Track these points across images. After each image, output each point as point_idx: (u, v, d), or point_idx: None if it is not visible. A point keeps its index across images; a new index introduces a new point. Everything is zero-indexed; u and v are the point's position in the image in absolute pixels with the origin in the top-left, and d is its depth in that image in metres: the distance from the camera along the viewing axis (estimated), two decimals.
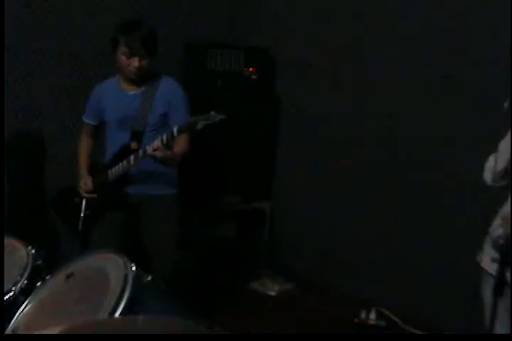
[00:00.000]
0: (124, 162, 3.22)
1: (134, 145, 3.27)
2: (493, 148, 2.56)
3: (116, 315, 1.78)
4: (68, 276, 2.10)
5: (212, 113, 2.97)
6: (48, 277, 2.20)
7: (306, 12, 4.44)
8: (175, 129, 3.04)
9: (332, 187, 4.44)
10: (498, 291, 2.39)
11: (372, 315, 3.98)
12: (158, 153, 3.06)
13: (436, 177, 3.85)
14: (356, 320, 3.96)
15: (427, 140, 3.89)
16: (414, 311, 3.92)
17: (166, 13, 4.29)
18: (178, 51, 4.37)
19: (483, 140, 2.68)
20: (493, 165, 2.56)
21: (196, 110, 3.48)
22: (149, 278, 2.04)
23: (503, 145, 2.52)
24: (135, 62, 3.20)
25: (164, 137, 3.06)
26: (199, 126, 2.98)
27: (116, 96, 3.38)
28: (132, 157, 3.18)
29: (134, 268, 1.98)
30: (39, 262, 2.33)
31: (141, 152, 3.14)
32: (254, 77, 4.48)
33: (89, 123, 3.52)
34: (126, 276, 1.92)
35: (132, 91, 3.34)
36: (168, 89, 3.36)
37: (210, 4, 4.58)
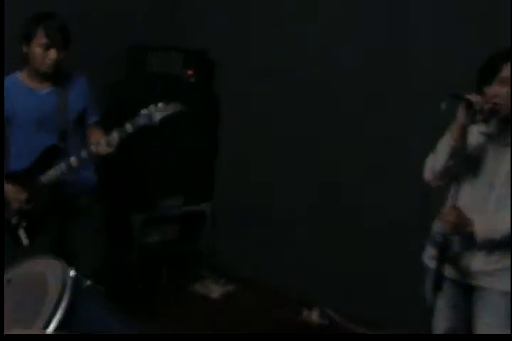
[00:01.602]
0: (62, 164, 3.11)
1: (61, 145, 3.17)
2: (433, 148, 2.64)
3: (55, 321, 1.76)
4: (6, 283, 2.06)
5: (165, 104, 2.99)
6: None
7: (244, 13, 4.45)
8: (128, 125, 3.01)
9: (274, 187, 4.46)
10: (436, 287, 2.45)
11: (315, 315, 4.01)
12: (107, 151, 3.02)
13: (382, 178, 3.91)
14: (299, 319, 3.99)
15: (372, 139, 3.93)
16: (357, 310, 3.97)
17: (108, 15, 4.22)
18: (121, 53, 4.32)
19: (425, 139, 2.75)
20: (431, 165, 2.63)
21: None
22: (88, 283, 2.02)
23: (441, 145, 2.58)
24: (53, 54, 3.06)
25: (116, 134, 3.01)
26: (157, 117, 2.98)
27: (26, 95, 3.16)
28: (73, 158, 3.08)
29: (72, 274, 1.95)
30: None
31: (85, 152, 3.06)
32: (192, 79, 4.47)
33: None
34: (64, 282, 1.89)
35: (44, 89, 3.19)
36: (81, 87, 3.28)
37: (152, 6, 4.54)
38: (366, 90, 3.90)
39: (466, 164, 2.56)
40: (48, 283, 1.93)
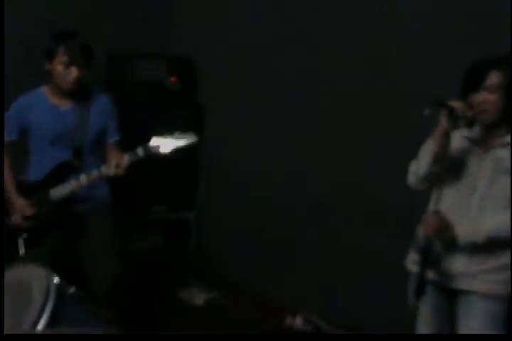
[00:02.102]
0: (72, 181, 3.16)
1: (75, 162, 3.22)
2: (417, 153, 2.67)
3: (39, 327, 1.75)
4: None
5: (181, 133, 3.17)
6: None
7: (228, 21, 4.47)
8: (140, 150, 3.08)
9: (258, 194, 4.47)
10: (419, 291, 2.46)
11: (299, 321, 4.00)
12: (117, 172, 3.09)
13: (365, 181, 3.93)
14: (283, 326, 3.98)
15: (351, 145, 3.97)
16: (341, 316, 3.97)
17: (87, 23, 4.21)
18: (100, 61, 4.30)
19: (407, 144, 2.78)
20: (415, 170, 2.66)
21: (121, 121, 3.48)
22: (72, 290, 2.02)
23: (424, 150, 2.61)
24: (74, 72, 3.11)
25: (127, 158, 3.09)
26: (170, 147, 3.12)
27: (46, 110, 3.22)
28: (83, 176, 3.14)
29: (56, 280, 1.95)
30: None
31: (96, 172, 3.13)
32: (177, 86, 4.47)
33: (11, 140, 3.26)
34: (48, 289, 1.90)
35: (65, 105, 3.24)
36: (102, 105, 3.33)
37: (132, 14, 4.54)
38: (351, 91, 3.93)
39: (449, 168, 2.58)
40: (32, 290, 1.93)
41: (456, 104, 2.43)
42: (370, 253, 3.87)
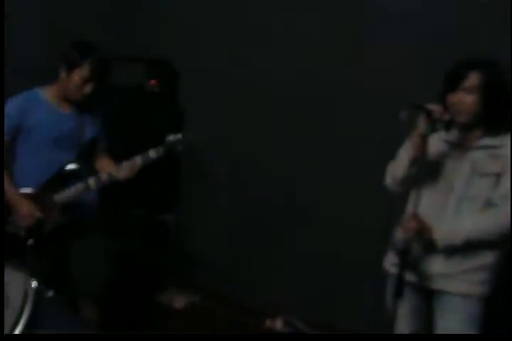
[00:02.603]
0: (79, 184, 3.15)
1: (79, 166, 3.22)
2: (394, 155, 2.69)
3: (17, 331, 1.75)
4: None
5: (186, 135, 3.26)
6: None
7: (209, 23, 4.47)
8: (152, 152, 3.19)
9: (238, 197, 4.47)
10: (397, 293, 2.48)
11: (278, 323, 4.02)
12: (127, 176, 3.17)
13: (341, 184, 3.95)
14: (263, 328, 3.99)
15: (329, 146, 4.00)
16: (320, 318, 3.99)
17: (66, 27, 4.20)
18: None
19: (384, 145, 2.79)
20: (392, 172, 2.68)
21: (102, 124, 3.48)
22: (50, 294, 2.02)
23: (402, 153, 2.64)
24: (89, 88, 3.11)
25: (140, 160, 3.17)
26: (180, 147, 3.26)
27: (48, 113, 3.17)
28: (92, 180, 3.16)
29: (34, 284, 1.95)
30: None
31: (106, 175, 3.17)
32: (156, 89, 4.46)
33: (7, 139, 3.17)
34: (26, 293, 1.89)
35: (66, 109, 3.21)
36: (98, 112, 3.36)
37: (111, 17, 4.53)
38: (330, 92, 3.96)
39: (427, 170, 2.61)
40: (9, 294, 1.92)
41: (434, 107, 2.46)
42: (348, 256, 3.90)
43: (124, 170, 3.14)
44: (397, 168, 2.65)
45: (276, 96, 4.19)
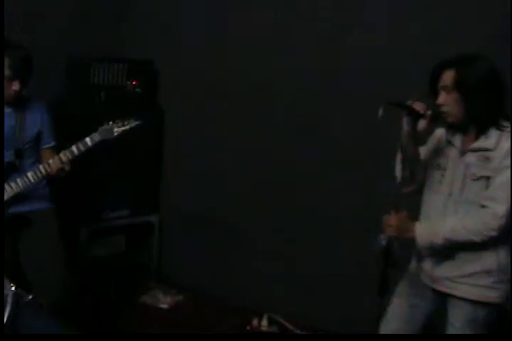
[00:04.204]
0: (18, 180, 3.16)
1: (17, 162, 3.22)
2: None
3: None
4: None
5: (123, 120, 3.20)
6: None
7: (189, 23, 4.46)
8: (88, 139, 3.14)
9: (220, 198, 4.48)
10: (382, 290, 2.49)
11: (264, 322, 4.03)
12: (65, 166, 3.14)
13: (326, 185, 3.97)
14: (248, 327, 4.00)
15: (310, 146, 4.01)
16: (305, 317, 4.01)
17: (46, 26, 4.17)
18: (60, 65, 4.27)
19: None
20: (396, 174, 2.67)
21: (80, 125, 3.46)
22: (29, 298, 2.01)
23: (398, 156, 2.64)
24: (16, 86, 3.09)
25: (75, 149, 3.13)
26: (115, 132, 3.18)
27: None
28: (30, 173, 3.16)
29: (13, 289, 1.94)
30: None
31: (43, 166, 3.15)
32: (138, 90, 4.45)
33: None
34: (5, 297, 1.88)
35: (7, 108, 3.20)
36: (39, 112, 3.34)
37: (93, 18, 4.50)
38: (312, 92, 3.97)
39: (432, 172, 2.63)
40: None
41: (417, 105, 2.45)
42: (333, 252, 3.92)
43: (61, 159, 3.14)
44: (396, 170, 2.66)
45: (254, 96, 4.21)
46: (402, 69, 3.49)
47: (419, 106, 2.45)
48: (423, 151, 2.69)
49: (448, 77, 2.44)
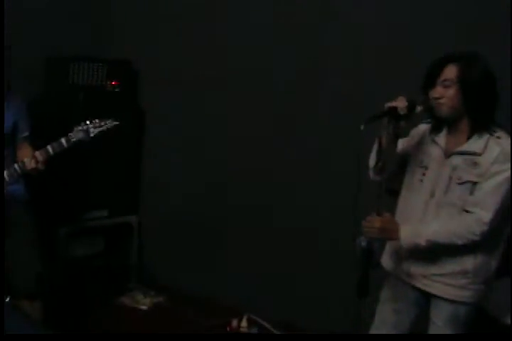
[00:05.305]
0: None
1: None
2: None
3: None
4: None
5: (100, 120, 3.19)
6: None
7: (169, 23, 4.46)
8: (64, 140, 3.12)
9: (199, 198, 4.47)
10: (362, 292, 2.50)
11: (244, 323, 4.02)
12: (40, 166, 3.11)
13: (297, 182, 3.98)
14: (228, 328, 4.00)
15: (288, 147, 4.02)
16: (285, 317, 4.01)
17: (25, 26, 4.13)
18: (39, 65, 4.24)
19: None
20: (369, 161, 2.67)
21: (59, 125, 3.44)
22: (7, 300, 2.00)
23: (375, 146, 2.64)
24: None
25: (50, 149, 3.12)
26: (92, 133, 3.15)
27: None
28: (6, 172, 3.16)
29: None
30: None
31: (18, 165, 3.15)
32: (117, 89, 4.43)
33: None
34: None
35: None
36: (15, 104, 3.34)
37: (71, 16, 4.47)
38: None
39: (414, 172, 2.64)
40: None
41: (398, 103, 2.45)
42: (313, 252, 3.93)
43: (36, 159, 3.13)
44: (370, 158, 2.66)
45: (234, 96, 4.21)
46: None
47: (401, 103, 2.45)
48: (402, 144, 2.69)
49: (451, 71, 2.45)
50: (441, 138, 2.59)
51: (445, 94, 2.47)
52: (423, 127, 2.70)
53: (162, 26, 4.49)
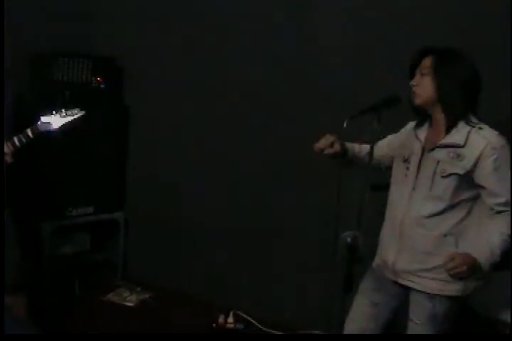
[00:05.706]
0: None
1: None
2: None
3: None
4: None
5: (66, 110, 3.12)
6: None
7: (154, 20, 4.44)
8: (29, 131, 3.06)
9: (184, 196, 4.47)
10: (347, 288, 2.50)
11: (230, 319, 4.03)
12: (7, 158, 3.06)
13: (291, 184, 3.99)
14: (214, 325, 4.00)
15: (271, 146, 4.02)
16: (271, 313, 4.02)
17: (11, 23, 4.10)
18: (24, 61, 4.22)
19: None
20: None
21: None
22: None
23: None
24: None
25: (16, 140, 3.05)
26: (58, 123, 3.09)
27: None
28: None
29: None
30: None
31: None
32: (102, 86, 4.42)
33: None
34: None
35: None
36: None
37: (57, 13, 4.45)
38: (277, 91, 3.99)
39: (396, 166, 2.68)
40: None
41: (323, 142, 2.57)
42: (300, 248, 3.93)
43: (4, 151, 3.08)
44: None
45: (220, 94, 4.21)
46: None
47: (325, 142, 2.59)
48: (390, 139, 2.77)
49: (429, 60, 2.51)
50: (423, 132, 2.62)
51: (420, 82, 2.53)
52: (411, 124, 2.73)
53: (149, 24, 4.47)
